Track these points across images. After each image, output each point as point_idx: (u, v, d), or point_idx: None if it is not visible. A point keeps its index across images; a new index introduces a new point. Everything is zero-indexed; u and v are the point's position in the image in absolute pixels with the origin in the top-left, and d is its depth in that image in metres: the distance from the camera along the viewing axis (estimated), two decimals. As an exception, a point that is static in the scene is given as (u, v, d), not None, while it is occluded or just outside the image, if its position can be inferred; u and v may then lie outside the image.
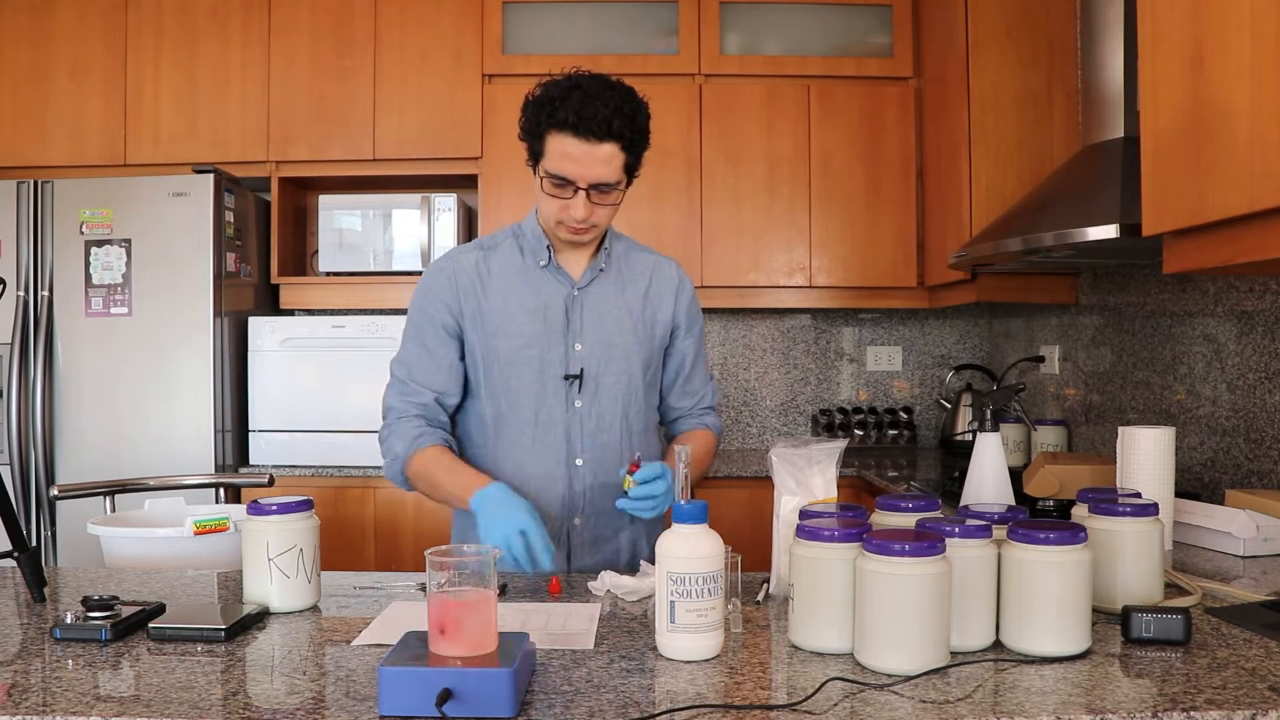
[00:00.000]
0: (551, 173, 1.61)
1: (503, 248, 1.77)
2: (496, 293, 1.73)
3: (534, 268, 1.74)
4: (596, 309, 1.75)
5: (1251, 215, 1.47)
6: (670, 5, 3.44)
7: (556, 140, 1.59)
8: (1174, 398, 2.43)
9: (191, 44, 3.41)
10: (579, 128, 1.56)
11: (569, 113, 1.57)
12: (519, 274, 1.74)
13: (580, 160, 1.58)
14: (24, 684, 1.08)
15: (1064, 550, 1.16)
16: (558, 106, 1.58)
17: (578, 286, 1.75)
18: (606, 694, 1.05)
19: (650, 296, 1.80)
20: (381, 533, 3.13)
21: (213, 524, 1.92)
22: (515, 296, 1.72)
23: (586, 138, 1.57)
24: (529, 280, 1.74)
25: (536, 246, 1.75)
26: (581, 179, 1.60)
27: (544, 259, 1.74)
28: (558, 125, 1.58)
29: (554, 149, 1.60)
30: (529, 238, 1.76)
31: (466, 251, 1.78)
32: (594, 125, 1.56)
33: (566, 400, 1.72)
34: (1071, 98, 2.88)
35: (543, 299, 1.73)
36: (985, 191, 2.90)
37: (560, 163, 1.60)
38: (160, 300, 3.08)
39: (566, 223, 1.65)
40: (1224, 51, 1.51)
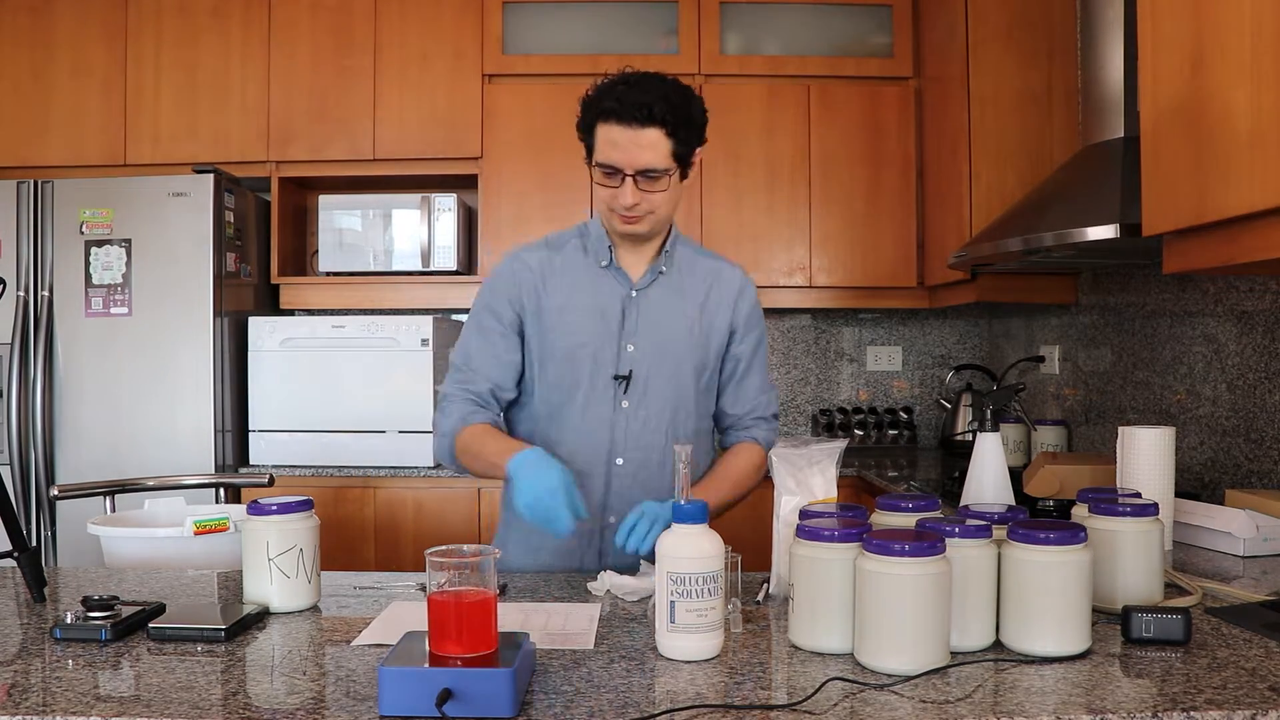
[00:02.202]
0: (601, 163, 1.65)
1: (568, 247, 1.79)
2: (558, 291, 1.75)
3: (595, 267, 1.76)
4: (653, 311, 1.76)
5: (1251, 215, 1.47)
6: (670, 5, 3.44)
7: (604, 130, 1.63)
8: (1174, 398, 2.43)
9: (191, 44, 3.41)
10: (622, 114, 1.60)
11: (613, 101, 1.61)
12: (581, 273, 1.76)
13: (625, 147, 1.61)
14: (24, 684, 1.08)
15: (1064, 550, 1.16)
16: (604, 97, 1.64)
17: (636, 288, 1.76)
18: (606, 694, 1.05)
19: (709, 303, 1.80)
20: (381, 533, 3.13)
21: (213, 524, 1.92)
22: (575, 295, 1.75)
23: (629, 123, 1.60)
24: (590, 279, 1.76)
25: (599, 246, 1.77)
26: (628, 165, 1.62)
27: (605, 259, 1.76)
28: (604, 115, 1.63)
29: (602, 138, 1.64)
30: (593, 237, 1.78)
31: (533, 249, 1.80)
32: (636, 111, 1.60)
33: (614, 400, 1.73)
34: (1071, 98, 2.88)
35: (601, 298, 1.75)
36: (985, 191, 2.90)
37: (608, 151, 1.63)
38: (160, 300, 3.08)
39: (617, 211, 1.66)
40: (1224, 51, 1.51)
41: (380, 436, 3.17)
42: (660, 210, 1.68)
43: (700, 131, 1.68)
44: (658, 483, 1.75)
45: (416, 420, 3.17)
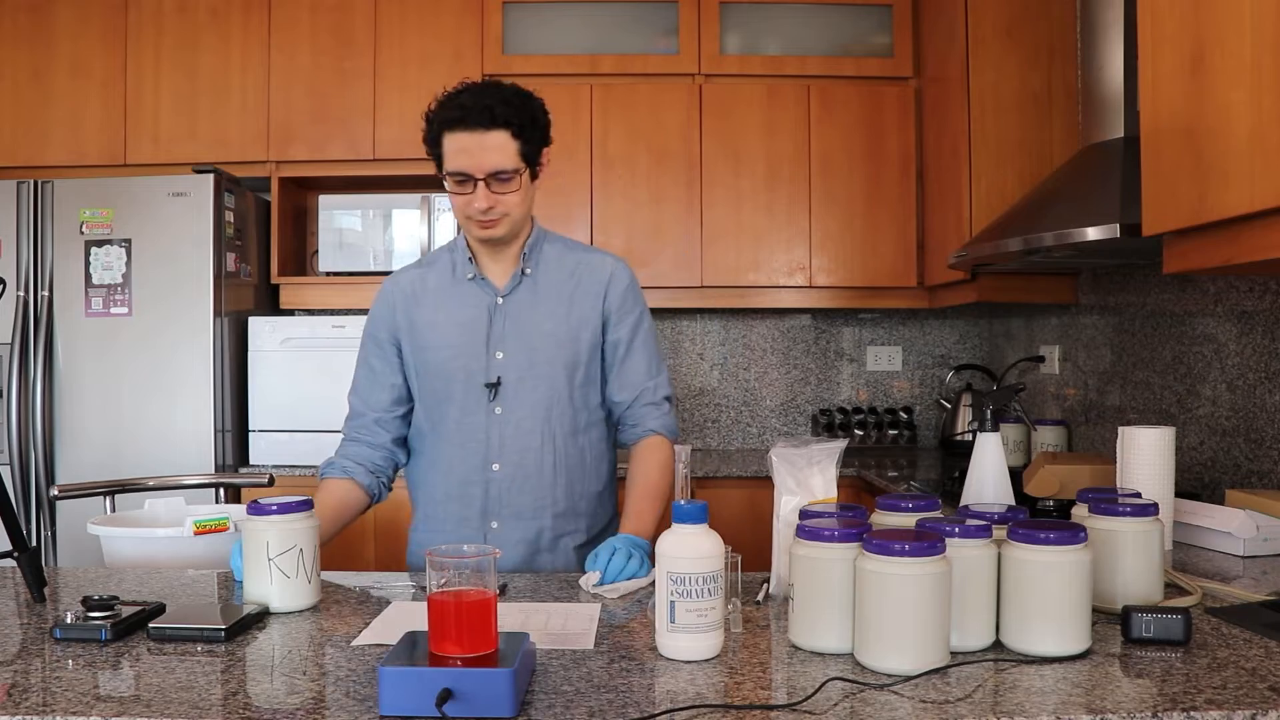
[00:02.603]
0: (451, 171, 1.67)
1: (438, 264, 1.85)
2: (429, 308, 1.81)
3: (462, 280, 1.81)
4: (518, 316, 1.78)
5: (1251, 215, 1.47)
6: (670, 5, 3.44)
7: (451, 139, 1.66)
8: (1174, 398, 2.43)
9: (191, 44, 3.41)
10: (467, 120, 1.63)
11: (455, 109, 1.65)
12: (450, 288, 1.81)
13: (473, 152, 1.64)
14: (24, 684, 1.08)
15: (1064, 550, 1.16)
16: (447, 107, 1.66)
17: (500, 295, 1.79)
18: (606, 694, 1.05)
19: (576, 296, 1.81)
20: (381, 533, 3.12)
21: (213, 524, 1.92)
22: (444, 310, 1.80)
23: (475, 128, 1.63)
24: (458, 293, 1.80)
25: (462, 260, 1.82)
26: (478, 170, 1.65)
27: (470, 271, 1.80)
28: (449, 124, 1.65)
29: (450, 147, 1.66)
30: (459, 252, 1.83)
31: (406, 271, 1.89)
32: (480, 115, 1.63)
33: (487, 408, 1.76)
34: (1071, 98, 2.88)
35: (468, 310, 1.79)
36: (985, 191, 2.90)
37: (457, 158, 1.65)
38: (160, 300, 3.08)
39: (474, 217, 1.69)
40: (1224, 51, 1.51)
41: (380, 436, 3.17)
42: (514, 211, 1.70)
43: (545, 131, 1.72)
44: (535, 485, 1.78)
45: (416, 420, 3.16)
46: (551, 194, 3.40)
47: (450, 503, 1.81)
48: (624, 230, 3.40)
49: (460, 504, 1.79)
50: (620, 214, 3.40)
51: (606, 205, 3.40)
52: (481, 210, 1.67)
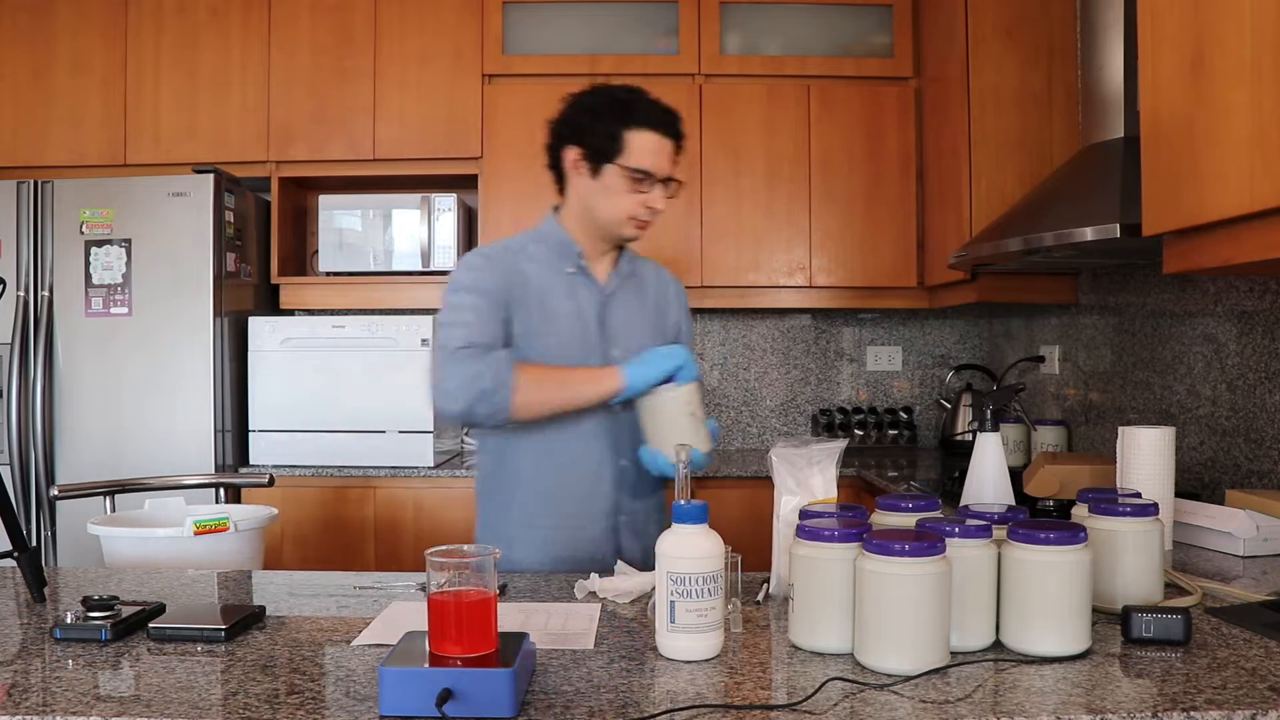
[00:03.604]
0: (633, 167, 1.69)
1: (528, 251, 1.78)
2: (534, 294, 1.74)
3: (562, 272, 1.77)
4: (624, 315, 1.80)
5: (1251, 215, 1.47)
6: (670, 5, 3.44)
7: (638, 137, 1.69)
8: (1174, 398, 2.43)
9: (191, 44, 3.41)
10: (661, 125, 1.70)
11: (652, 112, 1.71)
12: (551, 278, 1.76)
13: (659, 154, 1.71)
14: (24, 684, 1.08)
15: (1064, 550, 1.16)
16: (635, 107, 1.71)
17: (605, 292, 1.79)
18: (606, 694, 1.05)
19: (660, 303, 1.88)
20: (381, 533, 3.13)
21: (213, 524, 1.92)
22: (551, 300, 1.75)
23: (665, 133, 1.71)
24: (561, 284, 1.76)
25: (564, 251, 1.78)
26: (660, 171, 1.71)
27: (572, 265, 1.78)
28: (639, 123, 1.69)
29: (636, 145, 1.69)
30: (554, 242, 1.79)
31: (490, 253, 1.78)
32: (671, 123, 1.72)
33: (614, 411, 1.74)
34: (1071, 98, 2.88)
35: (577, 304, 1.76)
36: (985, 191, 2.90)
37: (644, 157, 1.69)
38: (160, 300, 3.08)
39: (639, 216, 1.73)
40: (1224, 51, 1.51)
41: (380, 436, 3.17)
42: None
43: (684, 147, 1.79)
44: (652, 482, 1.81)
45: (416, 420, 3.17)
46: (552, 194, 3.39)
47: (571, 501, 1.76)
48: (624, 230, 3.39)
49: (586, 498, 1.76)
50: (620, 214, 3.40)
51: (606, 205, 3.40)
52: (653, 211, 1.72)
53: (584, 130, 1.71)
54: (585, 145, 1.71)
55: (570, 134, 1.74)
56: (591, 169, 1.72)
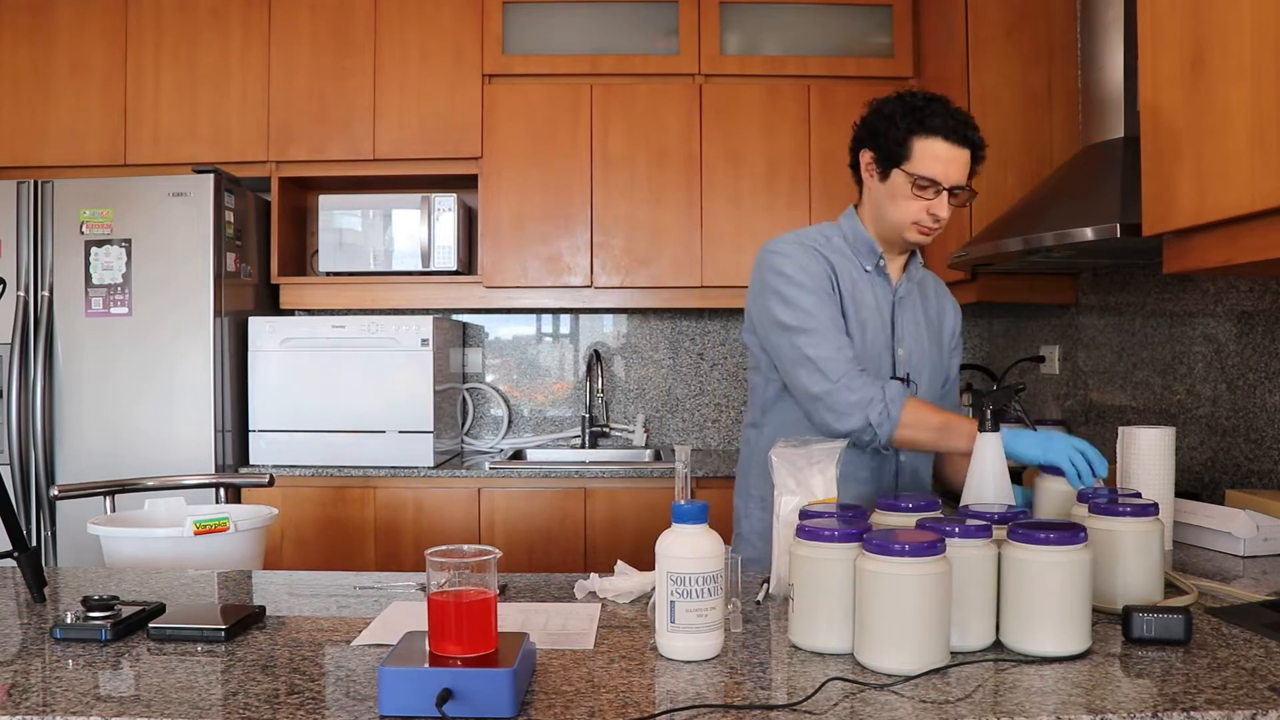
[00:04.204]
0: (921, 174, 1.70)
1: (831, 245, 1.82)
2: (845, 287, 1.78)
3: (862, 270, 1.82)
4: (911, 317, 1.85)
5: (1251, 215, 1.47)
6: (670, 5, 3.44)
7: (926, 144, 1.70)
8: (1174, 398, 2.43)
9: (191, 44, 3.41)
10: (952, 133, 1.70)
11: (942, 119, 1.70)
12: (853, 273, 1.81)
13: (948, 163, 1.70)
14: (24, 684, 1.08)
15: (1064, 550, 1.16)
16: (927, 114, 1.71)
17: (897, 294, 1.84)
18: (606, 694, 1.05)
19: (939, 313, 1.92)
20: (381, 533, 3.13)
21: (213, 524, 1.92)
22: (856, 294, 1.79)
23: (956, 142, 1.70)
24: (861, 281, 1.81)
25: (865, 250, 1.82)
26: (947, 180, 1.71)
27: (871, 264, 1.82)
28: (929, 130, 1.70)
29: (924, 152, 1.70)
30: (854, 241, 1.83)
31: (813, 239, 1.81)
32: (963, 131, 1.71)
33: None
34: (1071, 98, 2.88)
35: (875, 300, 1.81)
36: (985, 191, 2.89)
37: (931, 165, 1.70)
38: (160, 300, 3.08)
39: (923, 223, 1.74)
40: (1224, 51, 1.51)
41: (380, 436, 3.17)
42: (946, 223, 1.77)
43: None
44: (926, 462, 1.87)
45: (416, 420, 3.17)
46: (552, 194, 3.40)
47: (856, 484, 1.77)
48: (624, 230, 3.40)
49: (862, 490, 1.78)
50: (620, 214, 3.40)
51: (606, 205, 3.40)
52: (943, 217, 1.72)
53: (877, 134, 1.76)
54: (877, 149, 1.76)
55: (866, 137, 1.79)
56: (881, 173, 1.76)
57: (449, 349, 3.50)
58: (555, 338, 3.84)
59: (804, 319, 1.72)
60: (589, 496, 3.12)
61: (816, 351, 1.70)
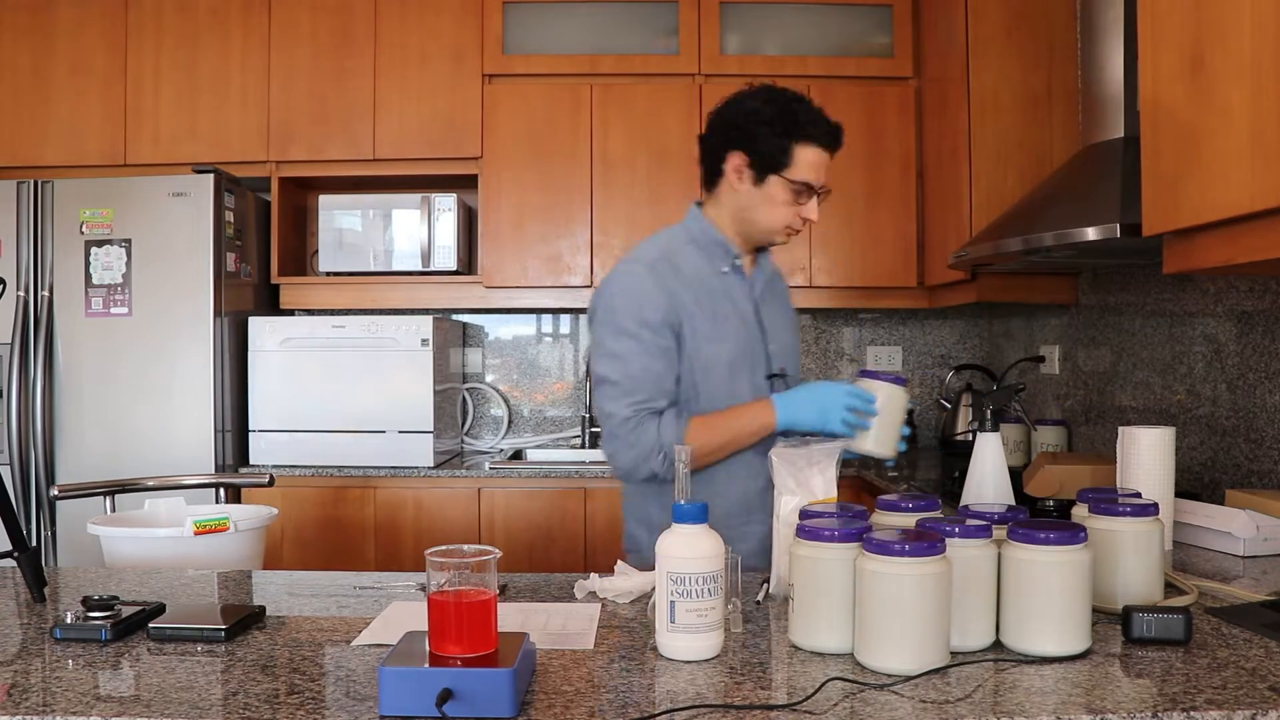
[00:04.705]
0: (799, 180, 1.72)
1: (684, 253, 1.79)
2: (698, 299, 1.75)
3: (717, 272, 1.80)
4: (771, 311, 1.86)
5: (1251, 215, 1.47)
6: (670, 5, 3.44)
7: (805, 151, 1.71)
8: (1174, 398, 2.43)
9: (191, 44, 3.41)
10: (827, 140, 1.72)
11: (818, 126, 1.71)
12: (708, 279, 1.78)
13: (821, 168, 1.75)
14: (24, 684, 1.08)
15: (1064, 550, 1.16)
16: (804, 120, 1.71)
17: (755, 290, 1.84)
18: (606, 694, 1.05)
19: (784, 293, 1.97)
20: (381, 533, 3.13)
21: (213, 524, 1.92)
22: (714, 302, 1.77)
23: (828, 147, 1.74)
24: (718, 285, 1.79)
25: (719, 251, 1.80)
26: (819, 183, 1.75)
27: (727, 264, 1.81)
28: (808, 138, 1.71)
29: (804, 159, 1.72)
30: (706, 242, 1.81)
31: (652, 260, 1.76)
32: (835, 137, 1.74)
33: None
34: (1071, 98, 2.88)
35: (737, 303, 1.80)
36: (985, 191, 2.90)
37: (808, 171, 1.73)
38: (160, 300, 3.08)
39: (794, 225, 1.78)
40: (1224, 51, 1.51)
41: (380, 436, 3.17)
42: None
43: None
44: None
45: (416, 420, 3.17)
46: (552, 194, 3.40)
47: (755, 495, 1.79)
48: (624, 230, 3.40)
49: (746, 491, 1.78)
50: (620, 214, 3.40)
51: (606, 205, 3.40)
52: (814, 219, 1.78)
53: (754, 139, 1.71)
54: (752, 154, 1.72)
55: (738, 140, 1.73)
56: (755, 177, 1.73)
57: (449, 349, 3.50)
58: (555, 338, 3.84)
59: (610, 368, 1.70)
60: (589, 496, 3.12)
61: (607, 406, 1.71)
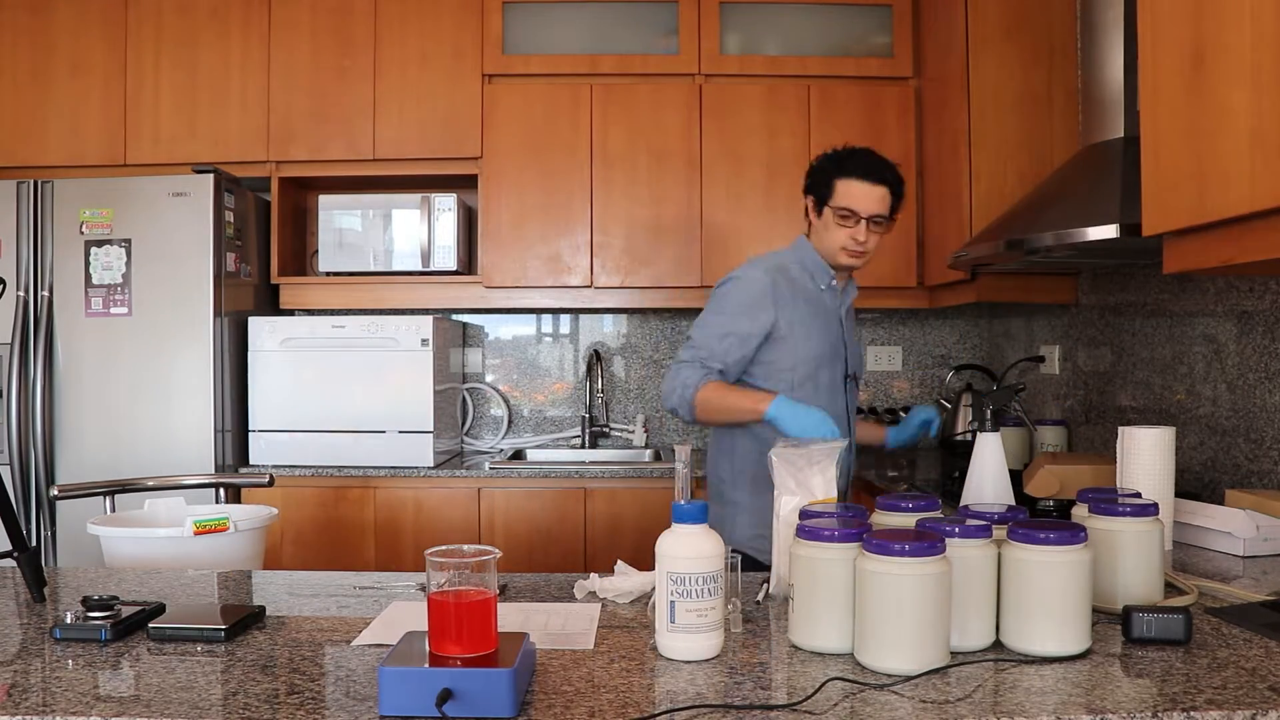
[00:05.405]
0: (841, 206, 2.14)
1: (791, 270, 2.21)
2: (796, 306, 2.16)
3: (816, 289, 2.23)
4: (849, 324, 2.31)
5: (1251, 215, 1.47)
6: (670, 5, 3.44)
7: (845, 184, 2.14)
8: (1174, 398, 2.43)
9: (191, 44, 3.41)
10: (866, 172, 2.14)
11: (858, 161, 2.15)
12: (807, 292, 2.21)
13: (864, 197, 2.13)
14: (24, 684, 1.08)
15: (1064, 550, 1.16)
16: (847, 160, 2.17)
17: (842, 307, 2.28)
18: (606, 694, 1.05)
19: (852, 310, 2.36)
20: (381, 533, 3.13)
21: (213, 524, 1.92)
22: (809, 310, 2.18)
23: (871, 180, 2.13)
24: (815, 297, 2.22)
25: (820, 272, 2.23)
26: (865, 211, 2.13)
27: (825, 282, 2.23)
28: (846, 173, 2.15)
29: (845, 190, 2.14)
30: (809, 263, 2.23)
31: (769, 269, 2.18)
32: (878, 172, 2.14)
33: (846, 394, 2.28)
34: (1071, 98, 2.88)
35: (826, 312, 2.23)
36: (985, 191, 2.90)
37: (848, 199, 2.14)
38: (160, 300, 3.08)
39: (849, 247, 2.16)
40: (1224, 51, 1.51)
41: (380, 436, 3.17)
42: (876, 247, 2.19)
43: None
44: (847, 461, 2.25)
45: (416, 420, 3.17)
46: (552, 194, 3.40)
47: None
48: (624, 230, 3.40)
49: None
50: (620, 214, 3.40)
51: (606, 205, 3.40)
52: (861, 241, 2.13)
53: (812, 182, 2.22)
54: (813, 193, 2.21)
55: (808, 184, 2.23)
56: (816, 211, 2.20)
57: (449, 349, 3.50)
58: (555, 338, 3.84)
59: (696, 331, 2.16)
60: (589, 496, 3.12)
61: (679, 353, 2.18)
